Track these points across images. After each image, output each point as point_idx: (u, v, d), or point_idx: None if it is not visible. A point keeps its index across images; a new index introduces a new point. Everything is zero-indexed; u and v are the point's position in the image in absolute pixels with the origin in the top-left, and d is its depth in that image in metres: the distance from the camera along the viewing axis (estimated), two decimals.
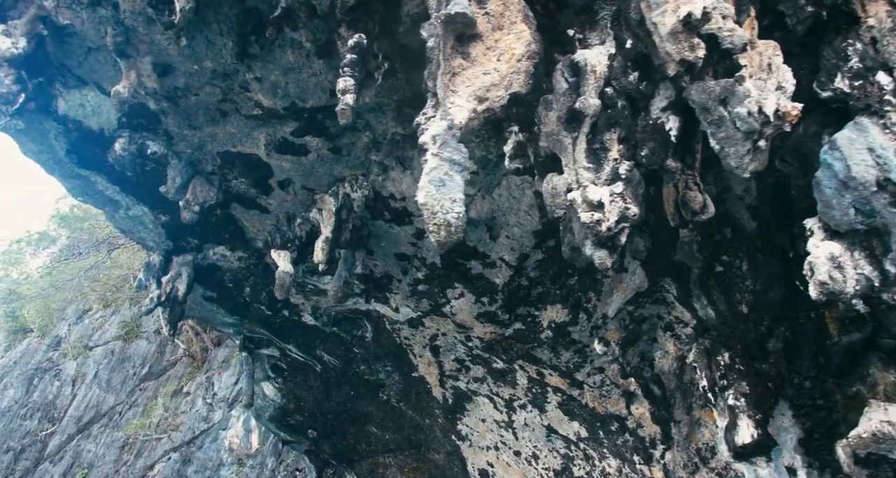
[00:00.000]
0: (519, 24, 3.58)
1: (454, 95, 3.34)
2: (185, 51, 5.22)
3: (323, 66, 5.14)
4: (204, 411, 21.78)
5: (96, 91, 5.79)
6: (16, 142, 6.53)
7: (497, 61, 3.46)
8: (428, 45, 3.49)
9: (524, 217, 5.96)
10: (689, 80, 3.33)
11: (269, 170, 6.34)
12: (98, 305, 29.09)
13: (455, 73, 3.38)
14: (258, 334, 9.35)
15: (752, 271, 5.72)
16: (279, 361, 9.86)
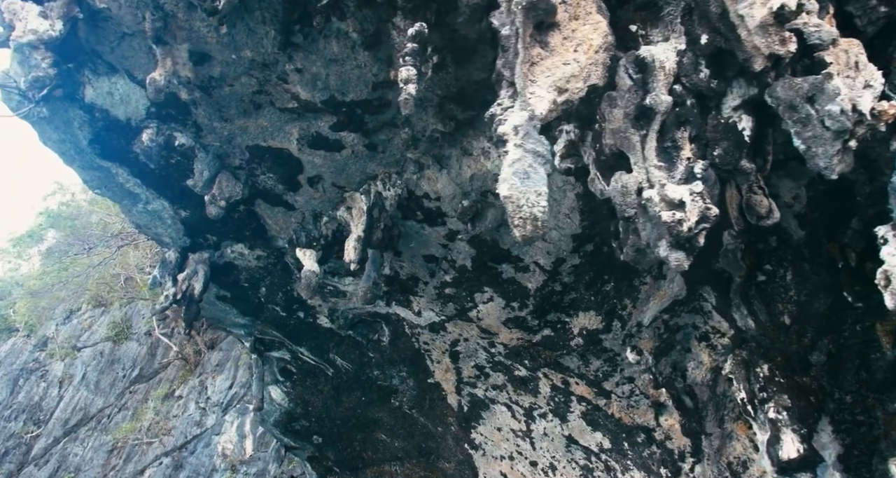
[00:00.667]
0: (594, 14, 3.49)
1: (533, 85, 3.24)
2: (225, 39, 5.10)
3: (368, 58, 5.03)
4: (197, 416, 21.48)
5: (126, 79, 5.65)
6: (35, 130, 6.37)
7: (574, 52, 3.36)
8: (502, 34, 3.39)
9: (563, 220, 5.86)
10: (774, 76, 3.24)
11: (299, 166, 6.21)
12: (88, 304, 28.74)
13: (534, 63, 3.28)
14: (269, 336, 9.18)
15: (796, 281, 5.64)
16: (289, 364, 9.69)
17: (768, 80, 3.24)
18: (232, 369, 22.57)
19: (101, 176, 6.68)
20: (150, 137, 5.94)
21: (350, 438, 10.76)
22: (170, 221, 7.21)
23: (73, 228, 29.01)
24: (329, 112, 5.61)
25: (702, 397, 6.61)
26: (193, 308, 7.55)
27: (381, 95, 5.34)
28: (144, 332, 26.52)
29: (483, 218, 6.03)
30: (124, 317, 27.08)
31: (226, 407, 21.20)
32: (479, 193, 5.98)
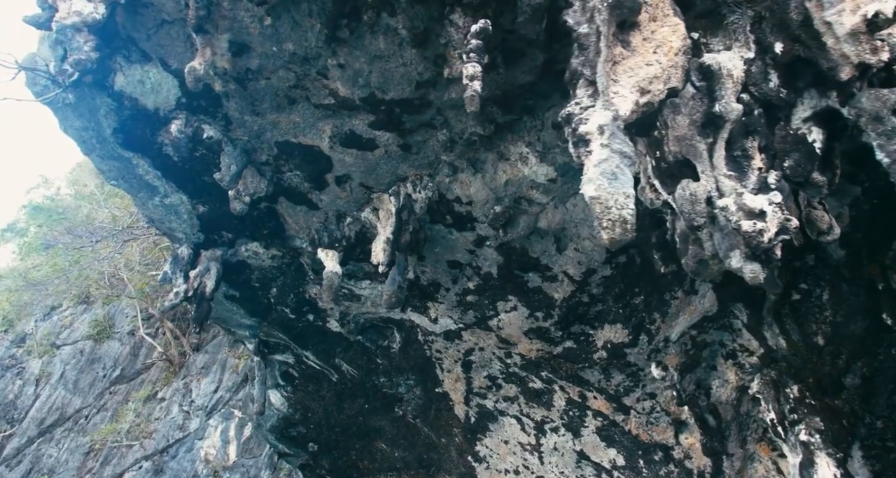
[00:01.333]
0: (672, 17, 3.44)
1: (616, 85, 3.18)
2: (268, 31, 5.00)
3: (414, 56, 4.95)
4: (180, 419, 21.07)
5: (159, 68, 5.52)
6: (57, 117, 6.21)
7: (654, 53, 3.31)
8: (580, 32, 3.32)
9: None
10: (858, 86, 3.20)
11: (328, 164, 6.10)
12: (70, 301, 28.22)
13: (616, 62, 3.22)
14: (275, 339, 9.01)
15: (833, 302, 5.61)
16: (292, 368, 9.50)
17: (853, 91, 3.19)
18: (218, 372, 22.22)
19: (121, 166, 6.52)
20: (178, 128, 5.81)
21: (348, 446, 10.56)
22: (186, 216, 7.05)
23: (59, 223, 28.52)
24: (366, 110, 5.52)
25: (725, 416, 6.55)
26: (205, 306, 7.37)
27: (423, 95, 5.26)
28: (127, 331, 26.06)
29: (515, 225, 5.95)
30: (107, 315, 26.61)
31: (210, 411, 20.83)
32: (513, 199, 5.91)
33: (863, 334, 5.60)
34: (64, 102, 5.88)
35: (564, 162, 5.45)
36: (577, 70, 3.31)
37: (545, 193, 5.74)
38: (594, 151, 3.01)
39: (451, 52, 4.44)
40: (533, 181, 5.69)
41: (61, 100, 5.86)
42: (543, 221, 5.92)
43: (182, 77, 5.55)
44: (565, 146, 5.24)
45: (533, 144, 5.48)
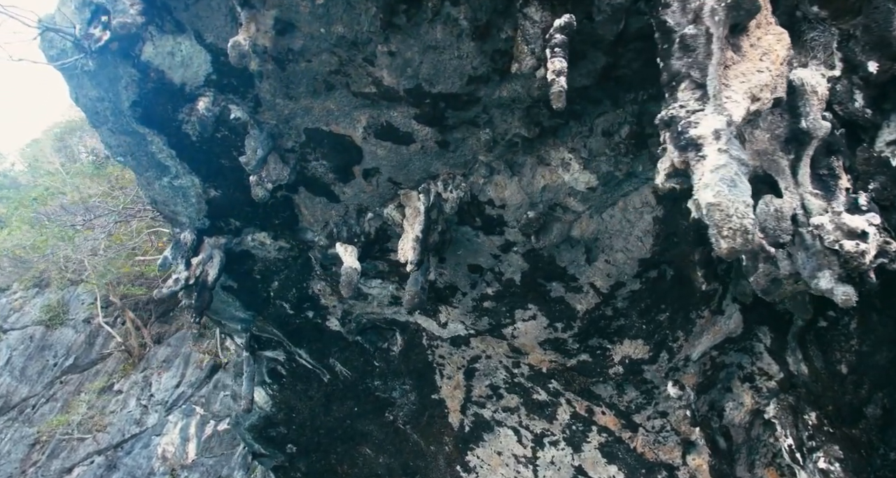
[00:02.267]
0: (775, 25, 3.39)
1: (728, 89, 3.09)
2: (319, 10, 4.81)
3: (472, 49, 4.81)
4: (137, 414, 20.36)
5: (193, 40, 5.27)
6: (69, 84, 5.89)
7: (761, 60, 3.24)
8: (686, 33, 3.24)
9: (634, 243, 5.72)
10: None
11: (358, 155, 5.91)
12: (20, 283, 27.17)
13: (727, 66, 3.13)
14: (268, 334, 8.72)
15: (860, 331, 5.63)
16: (281, 366, 9.21)
17: None
18: (180, 367, 21.57)
19: (132, 142, 6.22)
20: (206, 105, 5.55)
21: (329, 449, 10.28)
22: (194, 200, 6.76)
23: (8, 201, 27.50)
24: (409, 102, 5.35)
25: (737, 438, 6.53)
26: (206, 296, 7.09)
27: (473, 91, 5.12)
28: (83, 318, 25.13)
29: (548, 232, 5.84)
30: (61, 300, 25.63)
31: (170, 407, 20.19)
32: (548, 206, 5.80)
33: (887, 365, 5.63)
34: (83, 69, 5.57)
35: (608, 171, 5.37)
36: (681, 72, 3.21)
37: (583, 201, 5.65)
38: (709, 155, 2.90)
39: (520, 46, 4.31)
40: (572, 188, 5.59)
41: (80, 66, 5.56)
42: (577, 229, 5.83)
43: (216, 52, 5.33)
44: (613, 155, 5.18)
45: (577, 150, 5.39)
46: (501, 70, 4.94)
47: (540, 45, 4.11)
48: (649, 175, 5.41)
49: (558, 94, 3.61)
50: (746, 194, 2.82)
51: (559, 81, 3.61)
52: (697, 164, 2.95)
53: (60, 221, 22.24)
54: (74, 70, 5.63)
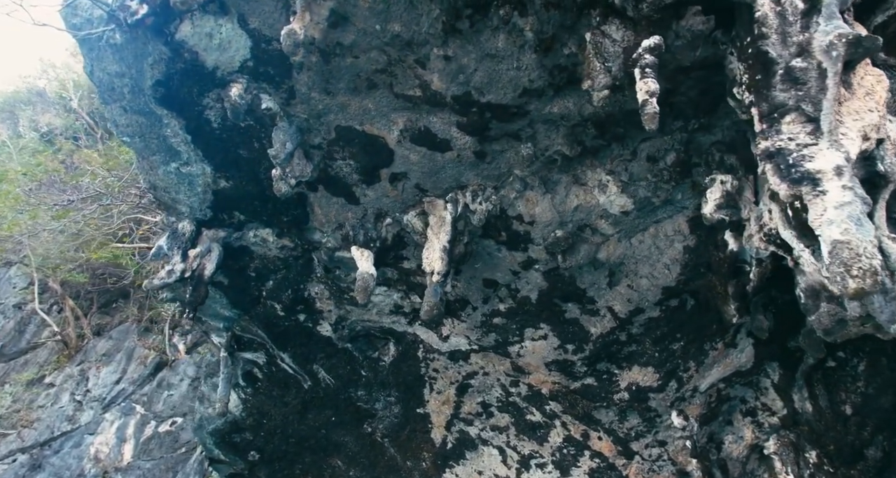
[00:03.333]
0: (872, 66, 3.47)
1: (842, 126, 3.14)
2: (379, 6, 4.71)
3: (532, 62, 4.80)
4: (69, 409, 19.37)
5: (235, 23, 5.09)
6: (88, 56, 5.61)
7: (866, 100, 3.31)
8: (795, 65, 3.28)
9: (661, 270, 5.79)
10: None
11: (389, 158, 5.80)
12: None
13: (840, 102, 3.19)
14: (251, 335, 8.44)
15: (868, 373, 5.82)
16: (260, 369, 8.93)
17: None
18: (122, 362, 20.67)
19: (145, 123, 5.96)
20: (238, 93, 5.37)
21: (295, 459, 9.99)
22: (200, 189, 6.52)
23: None
24: (454, 109, 5.29)
25: (733, 472, 6.65)
26: (202, 290, 6.82)
27: (524, 103, 5.10)
28: (13, 304, 23.85)
29: (575, 252, 5.85)
30: None
31: (108, 404, 19.29)
32: (578, 226, 5.82)
33: (891, 408, 5.83)
34: (107, 42, 5.32)
35: (646, 196, 5.42)
36: (787, 104, 3.26)
37: (614, 224, 5.69)
38: (831, 191, 2.94)
39: (593, 63, 4.31)
40: (605, 211, 5.62)
41: (106, 39, 5.30)
42: (604, 252, 5.86)
43: (257, 38, 5.16)
44: (655, 181, 5.24)
45: (617, 173, 5.43)
46: (557, 85, 4.95)
47: (619, 64, 4.12)
48: (686, 204, 5.49)
49: (652, 116, 3.61)
50: (871, 234, 2.87)
51: (652, 102, 3.63)
52: (815, 199, 2.99)
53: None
54: (98, 42, 5.37)
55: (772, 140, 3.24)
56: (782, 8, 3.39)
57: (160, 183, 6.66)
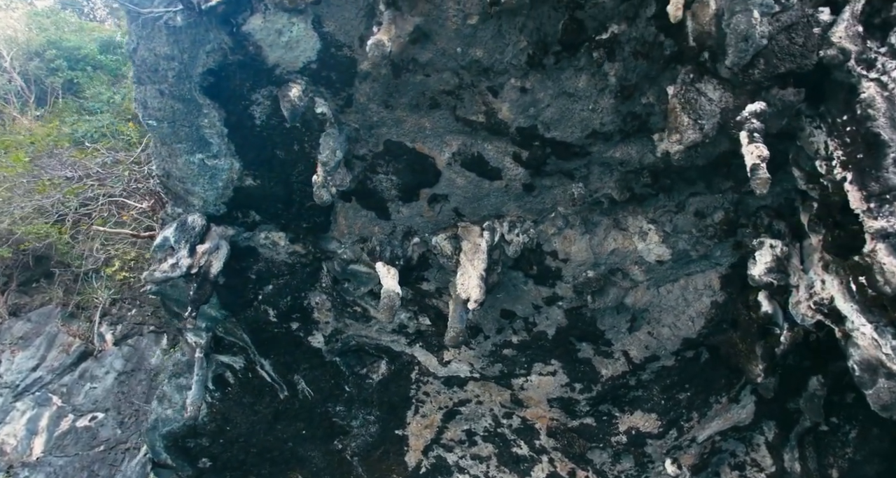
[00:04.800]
0: None
1: None
2: (466, 30, 4.74)
3: (608, 106, 4.91)
4: None
5: (308, 24, 4.99)
6: (136, 34, 5.39)
7: None
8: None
9: (685, 322, 5.97)
10: None
11: (434, 179, 5.79)
12: None
13: None
14: (232, 338, 8.16)
15: (858, 441, 6.16)
16: (235, 374, 8.63)
17: None
18: (41, 348, 19.44)
19: (181, 110, 5.73)
20: (298, 94, 5.25)
21: (251, 470, 9.66)
22: (221, 184, 6.32)
23: None
24: (514, 140, 5.35)
25: None
26: (207, 289, 6.59)
27: (588, 145, 5.21)
28: None
29: (605, 295, 5.98)
30: None
31: (20, 392, 18.07)
32: (610, 269, 5.94)
33: (875, 476, 6.15)
34: (167, 23, 5.12)
35: (685, 249, 5.60)
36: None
37: (647, 272, 5.84)
38: None
39: (681, 118, 4.44)
40: (641, 258, 5.78)
41: (165, 18, 5.11)
42: (631, 298, 6.01)
43: (328, 42, 5.09)
44: (698, 235, 5.45)
45: (660, 223, 5.59)
46: (626, 131, 5.08)
47: (714, 123, 4.26)
48: (721, 261, 5.70)
49: (765, 181, 3.76)
50: None
51: (763, 167, 3.77)
52: None
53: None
54: (155, 21, 5.17)
55: (886, 221, 3.42)
56: (890, 94, 3.60)
57: (177, 172, 6.41)
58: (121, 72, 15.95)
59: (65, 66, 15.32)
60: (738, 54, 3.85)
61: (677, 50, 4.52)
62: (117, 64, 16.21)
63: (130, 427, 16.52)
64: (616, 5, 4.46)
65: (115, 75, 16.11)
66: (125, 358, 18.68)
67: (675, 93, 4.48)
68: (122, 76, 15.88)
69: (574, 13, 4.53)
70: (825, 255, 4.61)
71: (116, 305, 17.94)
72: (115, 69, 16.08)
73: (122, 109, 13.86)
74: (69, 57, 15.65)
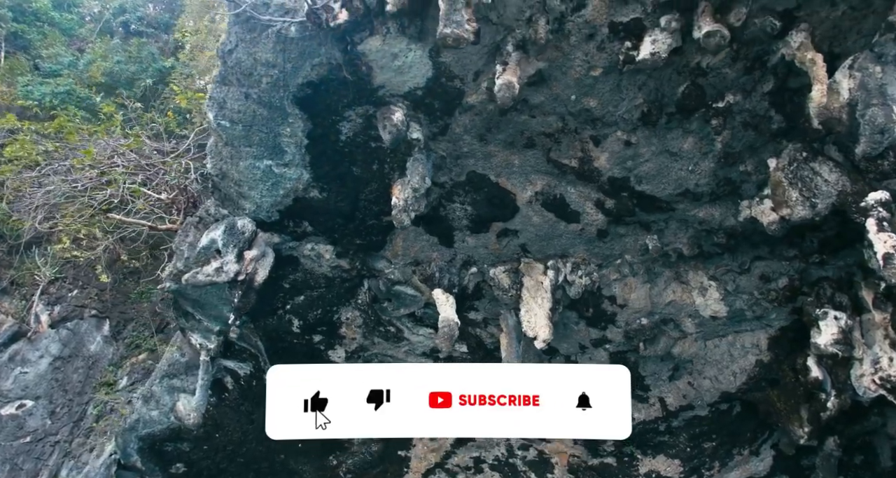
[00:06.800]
0: None
1: None
2: (586, 80, 4.89)
3: (708, 169, 5.16)
4: None
5: (425, 52, 5.02)
6: (238, 36, 5.27)
7: None
8: None
9: (727, 376, 6.27)
10: None
11: (510, 214, 5.90)
12: None
13: None
14: (244, 345, 7.97)
15: None
16: (237, 380, 8.41)
17: None
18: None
19: (264, 116, 5.63)
20: (400, 118, 5.25)
21: None
22: (282, 192, 6.21)
23: None
24: (602, 188, 5.53)
25: None
26: (251, 297, 6.47)
27: (676, 202, 5.44)
28: None
29: (656, 343, 6.20)
30: None
31: None
32: (663, 319, 6.18)
33: None
34: (279, 31, 5.05)
35: (741, 308, 5.91)
36: None
37: (699, 325, 6.11)
38: None
39: (789, 192, 4.70)
40: (696, 311, 6.04)
41: (281, 28, 5.03)
42: (678, 348, 6.26)
43: (440, 71, 5.13)
44: (760, 298, 5.75)
45: (722, 281, 5.87)
46: (716, 194, 5.34)
47: (828, 203, 4.54)
48: (773, 323, 6.03)
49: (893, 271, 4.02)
50: None
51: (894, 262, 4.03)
52: None
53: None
54: (267, 29, 5.08)
55: None
56: None
57: (235, 174, 6.26)
58: (76, 33, 14.85)
59: (9, 16, 14.00)
60: (870, 145, 4.15)
61: (785, 126, 4.79)
62: (72, 24, 15.10)
63: (62, 418, 15.56)
64: (738, 76, 4.70)
65: (71, 36, 15.00)
66: (62, 342, 17.66)
67: (781, 167, 4.75)
68: (79, 38, 14.81)
69: (696, 79, 4.75)
70: (891, 332, 4.96)
71: (56, 284, 16.88)
72: (71, 29, 14.95)
73: (86, 76, 12.95)
74: (15, 8, 14.34)
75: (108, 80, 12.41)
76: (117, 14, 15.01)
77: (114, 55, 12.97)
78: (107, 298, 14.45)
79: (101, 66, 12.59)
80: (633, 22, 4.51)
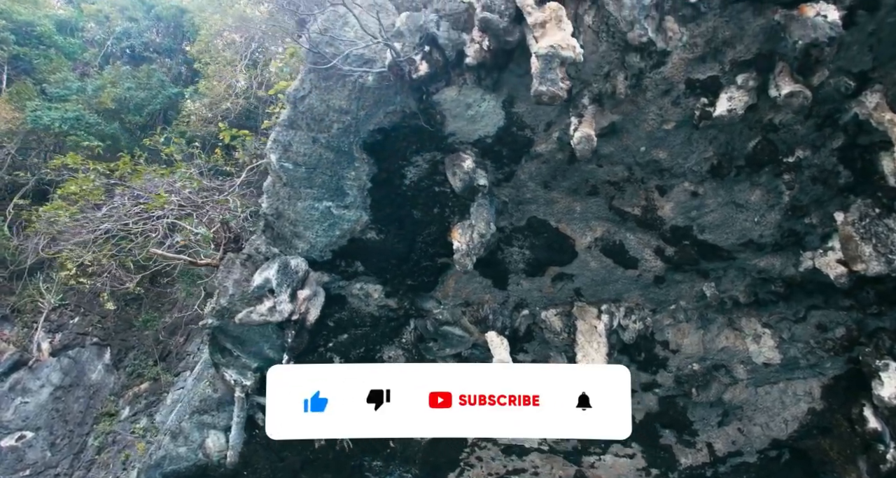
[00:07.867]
0: None
1: None
2: (658, 133, 5.01)
3: (773, 221, 5.26)
4: None
5: (498, 103, 5.14)
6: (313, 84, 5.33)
7: None
8: None
9: (778, 424, 6.31)
10: None
11: (568, 259, 5.97)
12: None
13: None
14: None
15: None
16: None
17: None
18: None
19: (330, 159, 5.69)
20: (470, 166, 5.36)
21: None
22: (339, 233, 6.25)
23: None
24: (663, 235, 5.62)
25: None
26: (304, 337, 6.48)
27: (738, 251, 5.53)
28: None
29: (708, 389, 6.25)
30: None
31: None
32: (714, 365, 6.24)
33: None
34: (357, 79, 5.14)
35: (795, 357, 5.97)
36: None
37: (750, 372, 6.17)
38: None
39: (861, 247, 4.81)
40: (749, 358, 6.10)
41: (360, 75, 5.11)
42: (729, 394, 6.31)
43: (511, 121, 5.25)
44: (816, 346, 5.83)
45: (777, 329, 5.95)
46: (779, 245, 5.44)
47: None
48: (827, 371, 6.10)
49: None
50: None
51: None
52: None
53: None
54: (344, 77, 5.16)
55: None
56: None
57: (291, 214, 6.29)
58: (80, 57, 14.82)
59: (11, 39, 13.90)
60: None
61: (853, 181, 4.93)
62: (74, 48, 15.08)
63: (63, 450, 15.25)
64: (808, 133, 4.84)
65: (75, 60, 14.95)
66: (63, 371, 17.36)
67: (851, 221, 4.87)
68: (83, 63, 14.78)
69: (767, 135, 4.88)
70: None
71: (57, 311, 16.66)
72: (74, 54, 14.91)
73: (94, 101, 12.90)
74: (18, 31, 14.26)
75: (117, 106, 12.49)
76: (121, 39, 15.10)
77: (123, 81, 13.02)
78: (108, 325, 14.33)
79: (112, 92, 12.63)
80: (710, 79, 4.64)
